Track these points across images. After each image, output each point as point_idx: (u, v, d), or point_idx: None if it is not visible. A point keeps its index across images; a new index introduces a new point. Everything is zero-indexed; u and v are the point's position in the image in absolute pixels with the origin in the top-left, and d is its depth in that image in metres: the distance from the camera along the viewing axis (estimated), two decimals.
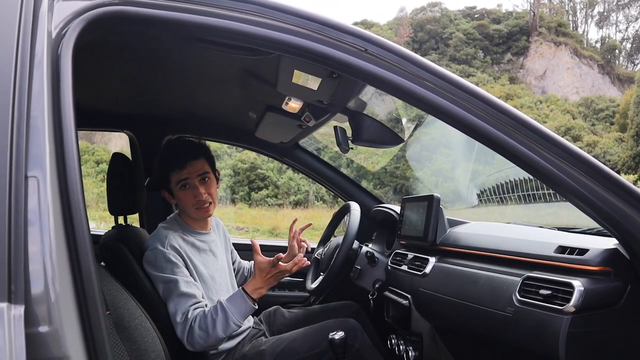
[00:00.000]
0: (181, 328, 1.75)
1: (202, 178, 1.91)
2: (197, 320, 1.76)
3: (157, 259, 1.81)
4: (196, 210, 1.93)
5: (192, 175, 1.90)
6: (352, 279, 2.37)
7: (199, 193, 1.89)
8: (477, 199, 2.81)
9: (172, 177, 1.90)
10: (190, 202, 1.91)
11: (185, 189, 1.90)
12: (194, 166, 1.90)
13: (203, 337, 1.75)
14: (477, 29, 41.51)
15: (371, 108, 1.92)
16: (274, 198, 24.30)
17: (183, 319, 1.76)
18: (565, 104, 35.06)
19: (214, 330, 1.75)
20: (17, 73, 0.84)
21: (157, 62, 1.82)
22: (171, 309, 1.77)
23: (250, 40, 1.08)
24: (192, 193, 1.90)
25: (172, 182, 1.91)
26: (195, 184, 1.90)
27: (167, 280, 1.79)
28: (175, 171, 1.89)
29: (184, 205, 1.94)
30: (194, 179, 1.90)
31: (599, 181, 1.14)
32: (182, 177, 1.89)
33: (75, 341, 0.78)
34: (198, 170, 1.90)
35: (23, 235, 0.76)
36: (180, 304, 1.77)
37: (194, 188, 1.90)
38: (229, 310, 1.78)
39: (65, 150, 0.85)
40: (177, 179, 1.90)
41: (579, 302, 1.22)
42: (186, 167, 1.88)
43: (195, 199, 1.90)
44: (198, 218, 1.99)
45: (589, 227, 1.67)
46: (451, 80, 1.13)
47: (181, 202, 1.93)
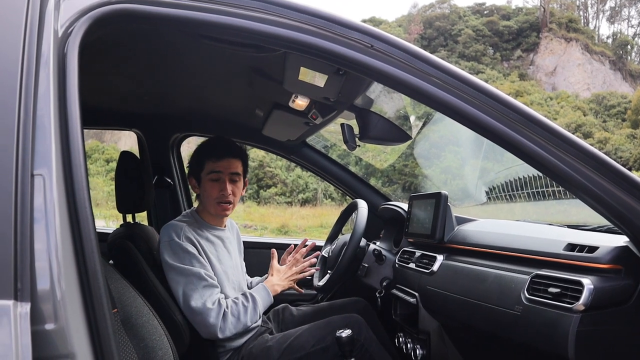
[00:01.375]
0: (215, 313, 1.82)
1: (232, 177, 1.98)
2: (230, 308, 1.86)
3: (174, 250, 1.85)
4: (217, 205, 1.98)
5: (225, 170, 1.96)
6: (359, 276, 2.37)
7: (225, 188, 1.95)
8: (485, 196, 2.79)
9: (206, 165, 1.96)
10: (214, 195, 1.96)
11: (214, 181, 1.96)
12: (229, 162, 1.97)
13: (234, 323, 1.85)
14: (487, 26, 41.29)
15: (378, 105, 1.91)
16: (283, 196, 24.35)
17: (216, 305, 1.83)
18: (576, 101, 34.80)
19: (245, 317, 1.88)
20: (24, 71, 0.84)
21: (163, 60, 1.83)
22: (197, 297, 1.81)
23: (257, 38, 1.08)
24: (219, 187, 1.96)
25: (205, 170, 1.96)
26: (224, 179, 1.96)
27: (189, 272, 1.83)
28: (212, 160, 1.95)
29: (206, 197, 1.98)
30: (226, 174, 1.96)
31: (609, 178, 1.13)
32: (216, 168, 1.95)
33: (81, 338, 0.78)
34: (232, 168, 1.97)
35: (29, 233, 0.76)
36: (208, 293, 1.83)
37: (223, 183, 1.96)
38: (257, 300, 1.94)
39: (71, 148, 0.85)
40: (211, 168, 1.95)
41: (588, 300, 1.21)
42: (223, 160, 1.95)
43: (220, 192, 1.96)
44: (215, 214, 2.02)
45: (599, 224, 1.65)
46: (459, 77, 1.12)
47: (205, 192, 1.98)
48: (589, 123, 30.80)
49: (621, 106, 33.24)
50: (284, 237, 15.35)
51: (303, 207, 22.80)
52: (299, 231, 17.88)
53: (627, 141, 28.21)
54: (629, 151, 27.08)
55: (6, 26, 0.88)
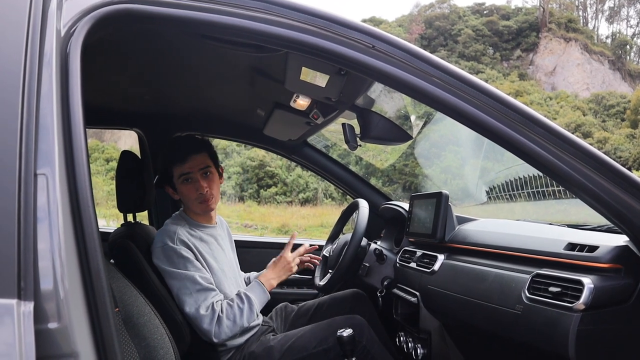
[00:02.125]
0: (208, 320, 1.80)
1: (203, 172, 1.95)
2: (225, 311, 1.84)
3: (168, 255, 1.84)
4: (199, 204, 1.96)
5: (193, 169, 1.93)
6: (360, 276, 2.37)
7: (200, 186, 1.93)
8: (486, 196, 2.79)
9: (174, 172, 1.93)
10: (193, 196, 1.95)
11: (187, 183, 1.94)
12: (195, 160, 1.93)
13: (230, 326, 1.84)
14: (486, 26, 41.27)
15: (379, 105, 1.91)
16: (283, 195, 24.34)
17: (209, 311, 1.81)
18: (575, 101, 34.77)
19: (241, 319, 1.86)
20: (27, 71, 0.84)
21: (165, 60, 1.83)
22: (191, 303, 1.81)
23: (258, 38, 1.08)
24: (194, 187, 1.94)
25: (175, 176, 1.94)
26: (196, 177, 1.93)
27: (183, 276, 1.82)
28: (177, 165, 1.92)
29: (186, 200, 1.97)
30: (196, 172, 1.93)
31: (609, 178, 1.13)
32: (184, 170, 1.92)
33: (84, 338, 0.78)
34: (200, 164, 1.94)
35: (32, 233, 0.77)
36: (202, 298, 1.82)
37: (196, 182, 1.93)
38: (253, 299, 1.91)
39: (74, 147, 0.86)
40: (179, 172, 1.93)
41: (588, 299, 1.21)
42: (187, 160, 1.92)
43: (197, 192, 1.94)
44: (201, 212, 2.01)
45: (599, 224, 1.66)
46: (459, 77, 1.13)
47: (184, 196, 1.96)
48: (589, 123, 30.78)
49: (620, 106, 33.22)
50: (285, 236, 15.33)
51: (303, 207, 22.80)
52: (300, 231, 17.87)
53: (626, 141, 28.19)
54: (628, 151, 27.06)
55: (9, 26, 0.88)
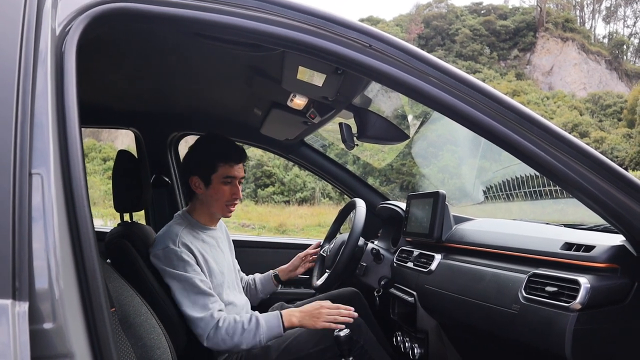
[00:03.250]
0: (204, 324, 1.79)
1: (240, 180, 2.00)
2: (226, 323, 1.80)
3: (169, 257, 1.83)
4: (226, 206, 1.98)
5: (238, 175, 1.97)
6: (357, 276, 2.37)
7: (237, 191, 1.97)
8: (483, 195, 2.80)
9: (220, 169, 1.93)
10: (225, 198, 1.96)
11: (227, 184, 1.95)
12: (241, 169, 1.98)
13: (226, 340, 1.79)
14: (484, 25, 41.33)
15: (376, 104, 1.91)
16: (281, 195, 24.32)
17: (208, 316, 1.79)
18: (572, 100, 34.85)
19: (240, 338, 1.79)
20: (21, 70, 0.84)
21: (161, 59, 1.82)
22: (188, 305, 1.80)
23: (254, 37, 1.08)
24: (231, 190, 1.96)
25: (219, 173, 1.93)
26: (236, 183, 1.97)
27: (183, 278, 1.82)
28: (229, 165, 1.93)
29: (215, 199, 1.96)
30: (237, 178, 1.97)
31: (605, 177, 1.13)
32: (232, 173, 1.94)
33: (80, 338, 0.78)
34: (242, 173, 1.99)
35: (27, 232, 0.76)
36: (200, 301, 1.81)
37: (235, 187, 1.96)
38: (262, 326, 1.81)
39: (69, 147, 0.85)
40: (226, 173, 1.94)
41: (585, 299, 1.21)
42: (238, 165, 1.96)
43: (232, 196, 1.97)
44: (222, 215, 2.04)
45: (595, 223, 1.66)
46: (456, 76, 1.13)
47: (216, 194, 1.96)
48: (586, 122, 30.85)
49: (617, 106, 33.30)
50: (282, 236, 15.33)
51: (301, 206, 22.78)
52: (297, 230, 17.88)
53: (623, 140, 28.27)
54: (625, 150, 27.14)
55: (4, 24, 0.87)
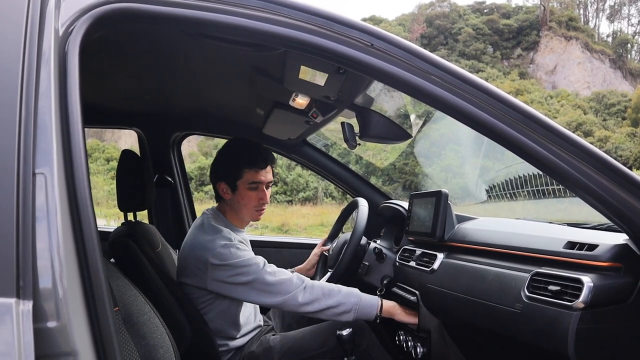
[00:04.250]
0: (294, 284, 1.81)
1: (268, 185, 1.98)
2: (319, 284, 1.84)
3: (232, 252, 1.81)
4: (255, 212, 1.97)
5: (265, 180, 1.95)
6: (360, 275, 2.37)
7: (264, 196, 1.96)
8: (486, 194, 2.79)
9: (246, 175, 1.92)
10: (253, 204, 1.95)
11: (254, 190, 1.94)
12: (269, 172, 1.96)
13: (320, 299, 1.81)
14: (487, 24, 41.23)
15: (379, 104, 1.91)
16: (283, 195, 24.33)
17: (294, 277, 1.83)
18: (576, 99, 34.75)
19: (337, 299, 1.83)
20: (25, 71, 0.84)
21: (164, 59, 1.83)
22: (269, 279, 1.80)
23: (257, 37, 1.08)
24: (257, 195, 1.95)
25: (244, 179, 1.92)
26: (263, 188, 1.95)
27: (252, 261, 1.82)
28: (254, 171, 1.92)
29: (243, 204, 1.95)
30: (264, 183, 1.95)
31: (609, 176, 1.13)
32: (258, 178, 1.93)
33: (83, 336, 0.78)
34: (270, 177, 1.97)
35: (31, 232, 0.77)
36: (278, 271, 1.84)
37: (262, 192, 1.95)
38: (362, 299, 1.88)
39: (73, 147, 0.86)
40: (252, 179, 1.92)
41: (588, 298, 1.21)
42: (265, 169, 1.94)
43: (260, 201, 1.96)
44: (250, 219, 2.02)
45: (599, 222, 1.66)
46: (459, 75, 1.13)
47: (243, 200, 1.94)
48: (589, 121, 30.75)
49: (621, 104, 33.19)
50: (285, 235, 15.35)
51: (303, 206, 22.79)
52: (300, 230, 17.88)
53: (627, 139, 28.17)
54: (629, 149, 27.05)
55: (7, 25, 0.88)
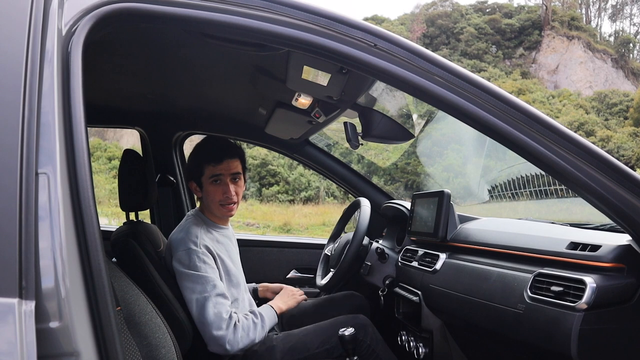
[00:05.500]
0: (225, 325, 1.82)
1: (233, 177, 1.98)
2: (241, 322, 1.86)
3: (191, 258, 1.85)
4: (221, 207, 1.98)
5: (225, 172, 1.95)
6: (362, 275, 2.37)
7: (228, 190, 1.95)
8: (488, 194, 2.79)
9: (206, 170, 1.95)
10: (218, 198, 1.96)
11: (216, 184, 1.95)
12: (229, 164, 1.96)
13: (244, 337, 1.86)
14: (489, 24, 41.15)
15: (381, 104, 1.91)
16: (285, 194, 24.32)
17: (227, 317, 1.83)
18: (578, 99, 34.66)
19: (254, 333, 1.88)
20: (28, 70, 0.84)
21: (167, 59, 1.83)
22: (210, 306, 1.82)
23: (259, 36, 1.08)
24: (221, 189, 1.96)
25: (205, 174, 1.95)
26: (226, 181, 1.96)
27: (204, 280, 1.84)
28: (212, 165, 1.94)
29: (210, 200, 1.98)
30: (227, 176, 1.96)
31: (611, 176, 1.13)
32: (216, 172, 1.94)
33: (86, 336, 0.79)
34: (232, 169, 1.96)
35: (34, 232, 0.77)
36: (220, 301, 1.84)
37: (225, 185, 1.95)
38: (265, 318, 1.96)
39: (76, 147, 0.86)
40: (212, 172, 1.94)
41: (591, 299, 1.21)
42: (222, 163, 1.94)
43: (223, 195, 1.96)
44: (221, 216, 2.04)
45: (601, 223, 1.65)
46: (461, 75, 1.12)
47: (209, 196, 1.97)
48: (591, 121, 30.66)
49: (623, 104, 33.08)
50: (287, 235, 15.35)
51: (305, 205, 22.78)
52: (302, 229, 17.88)
53: (629, 139, 28.08)
54: (631, 149, 26.96)
55: (10, 25, 0.88)
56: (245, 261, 2.34)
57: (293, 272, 2.83)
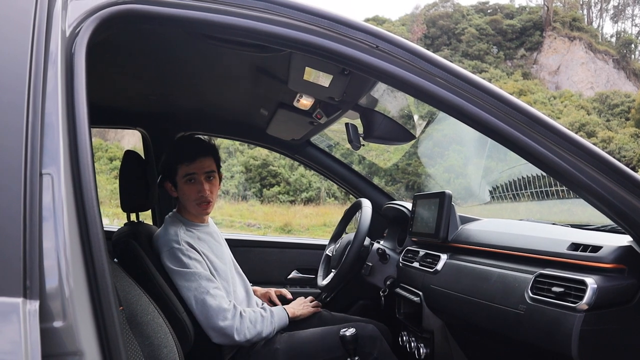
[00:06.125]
0: (231, 315, 1.83)
1: (207, 176, 1.97)
2: (247, 312, 1.88)
3: (177, 257, 1.86)
4: (196, 205, 1.98)
5: (199, 171, 1.95)
6: (363, 275, 2.37)
7: (202, 189, 1.95)
8: (489, 195, 2.79)
9: (179, 170, 1.95)
10: (193, 197, 1.96)
11: (190, 183, 1.95)
12: (202, 162, 1.95)
13: (250, 328, 1.87)
14: (490, 24, 41.11)
15: (383, 105, 1.91)
16: (286, 195, 24.32)
17: (231, 306, 1.85)
18: (579, 100, 34.61)
19: (261, 325, 1.90)
20: (32, 71, 0.85)
21: (169, 60, 1.83)
22: (210, 299, 1.82)
23: (261, 38, 1.09)
24: (196, 188, 1.95)
25: (179, 174, 1.95)
26: (200, 179, 1.95)
27: (197, 275, 1.85)
28: (185, 164, 1.94)
29: (185, 199, 1.98)
30: (201, 175, 1.95)
31: (612, 177, 1.13)
32: (190, 171, 1.94)
33: (89, 336, 0.79)
34: (205, 168, 1.96)
35: (38, 232, 0.77)
36: (220, 295, 1.85)
37: (199, 184, 1.95)
38: (275, 315, 1.98)
39: (79, 147, 0.86)
40: (185, 172, 1.94)
41: (592, 299, 1.21)
42: (195, 162, 1.94)
43: (198, 194, 1.96)
44: (197, 214, 2.03)
45: (603, 224, 1.65)
46: (462, 77, 1.13)
47: (184, 195, 1.98)
48: (593, 122, 30.62)
49: (625, 105, 33.03)
50: (288, 235, 15.35)
51: (306, 206, 22.76)
52: (303, 230, 17.88)
53: (630, 140, 28.03)
54: (632, 150, 26.91)
55: (14, 26, 0.88)
56: (246, 262, 2.35)
57: (294, 272, 2.83)
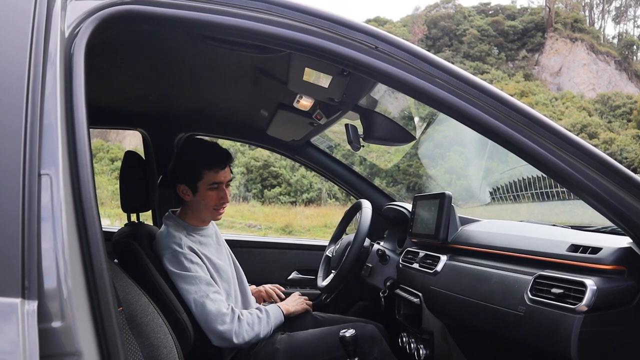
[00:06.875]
0: (229, 318, 1.85)
1: (227, 184, 2.02)
2: (245, 315, 1.90)
3: (179, 260, 1.86)
4: (214, 210, 2.00)
5: (224, 180, 1.98)
6: (363, 276, 2.37)
7: (224, 196, 1.99)
8: (490, 196, 2.79)
9: (206, 176, 1.94)
10: (213, 203, 1.98)
11: (214, 190, 1.97)
12: (228, 171, 2.00)
13: (249, 331, 1.89)
14: (492, 26, 41.12)
15: (383, 105, 1.91)
16: (287, 196, 24.31)
17: (229, 310, 1.86)
18: (581, 101, 34.59)
19: (259, 327, 1.92)
20: (31, 72, 0.85)
21: (169, 61, 1.83)
22: (209, 303, 1.84)
23: (261, 39, 1.09)
24: (218, 195, 1.98)
25: (205, 179, 1.95)
26: (223, 187, 1.99)
27: (198, 279, 1.86)
28: (214, 171, 1.94)
29: (204, 205, 1.98)
30: (224, 182, 1.99)
31: (613, 179, 1.13)
32: (218, 179, 1.96)
33: (88, 336, 0.79)
34: (229, 176, 2.01)
35: (36, 232, 0.77)
36: (219, 298, 1.87)
37: (222, 191, 1.98)
38: (270, 315, 2.00)
39: (78, 148, 0.86)
40: (213, 179, 1.95)
41: (591, 301, 1.21)
42: (225, 169, 1.98)
43: (220, 200, 1.99)
44: (211, 219, 2.06)
45: (602, 225, 1.65)
46: (462, 78, 1.13)
47: (204, 200, 1.97)
48: (594, 123, 30.60)
49: (627, 106, 33.01)
50: (288, 236, 15.35)
51: (307, 207, 22.76)
52: (303, 231, 17.88)
53: (632, 142, 28.00)
54: (634, 152, 26.89)
55: (13, 27, 0.89)
56: (247, 262, 2.35)
57: (294, 273, 2.83)
